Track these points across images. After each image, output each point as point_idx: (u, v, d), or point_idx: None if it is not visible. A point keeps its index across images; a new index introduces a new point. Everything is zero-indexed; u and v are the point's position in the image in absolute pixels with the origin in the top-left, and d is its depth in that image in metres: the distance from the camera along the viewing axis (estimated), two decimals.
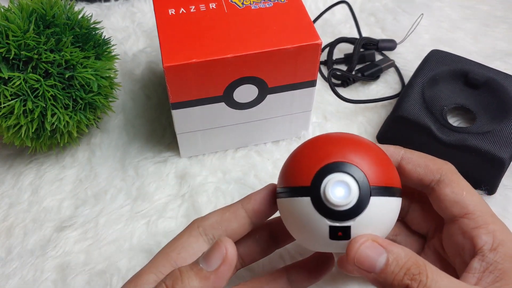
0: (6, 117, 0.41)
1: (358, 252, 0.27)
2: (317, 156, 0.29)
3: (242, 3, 0.42)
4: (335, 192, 0.27)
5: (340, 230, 0.28)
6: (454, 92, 0.47)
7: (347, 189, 0.27)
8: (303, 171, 0.29)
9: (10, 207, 0.44)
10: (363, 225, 0.28)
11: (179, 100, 0.41)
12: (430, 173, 0.32)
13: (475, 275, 0.28)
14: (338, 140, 0.30)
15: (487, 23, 0.60)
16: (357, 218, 0.27)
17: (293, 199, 0.29)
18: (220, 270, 0.26)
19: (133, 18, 0.61)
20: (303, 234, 0.30)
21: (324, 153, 0.29)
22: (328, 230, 0.28)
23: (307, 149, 0.30)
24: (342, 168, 0.28)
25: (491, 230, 0.30)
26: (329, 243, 0.28)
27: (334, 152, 0.29)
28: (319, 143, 0.30)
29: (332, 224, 0.28)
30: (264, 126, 0.46)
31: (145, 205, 0.44)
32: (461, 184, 0.32)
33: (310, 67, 0.41)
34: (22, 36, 0.40)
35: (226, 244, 0.27)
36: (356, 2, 0.62)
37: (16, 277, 0.40)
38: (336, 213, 0.27)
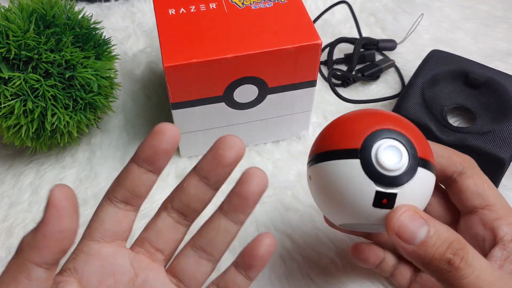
0: (6, 117, 0.41)
1: (400, 221, 0.27)
2: (365, 122, 0.28)
3: (242, 3, 0.42)
4: (387, 156, 0.27)
5: (385, 197, 0.27)
6: (454, 92, 0.47)
7: (398, 155, 0.27)
8: (353, 133, 0.28)
9: (10, 207, 0.44)
10: (408, 195, 0.27)
11: (179, 100, 0.41)
12: (453, 165, 0.33)
13: (496, 263, 0.29)
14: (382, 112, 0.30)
15: (487, 23, 0.60)
16: (404, 186, 0.27)
17: (339, 161, 0.28)
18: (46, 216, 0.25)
19: (133, 18, 0.61)
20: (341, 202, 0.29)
21: (372, 120, 0.29)
22: (373, 196, 0.27)
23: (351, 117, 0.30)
24: (393, 135, 0.28)
25: (511, 222, 0.30)
26: (369, 211, 0.28)
27: (383, 120, 0.28)
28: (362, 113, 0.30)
29: (379, 190, 0.27)
30: (264, 126, 0.46)
31: (145, 205, 0.44)
32: (483, 177, 0.33)
33: (310, 67, 0.41)
34: (22, 36, 0.40)
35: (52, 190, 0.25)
36: (356, 2, 0.62)
37: None
38: (385, 178, 0.27)
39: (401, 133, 0.28)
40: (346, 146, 0.28)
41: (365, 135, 0.28)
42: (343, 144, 0.28)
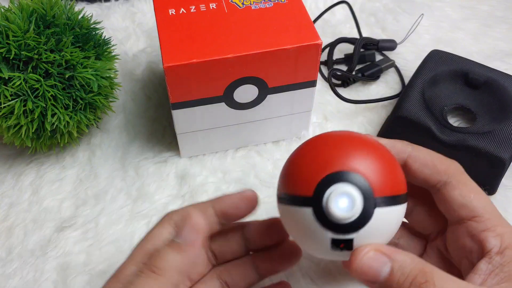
0: (6, 117, 0.41)
1: (361, 264, 0.26)
2: (319, 163, 0.27)
3: (242, 3, 0.42)
4: (338, 205, 0.26)
5: (342, 242, 0.27)
6: (454, 92, 0.47)
7: (350, 201, 0.26)
8: (304, 179, 0.27)
9: (11, 207, 0.44)
10: (366, 237, 0.27)
11: (179, 100, 0.41)
12: (437, 174, 0.31)
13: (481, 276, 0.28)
14: (341, 142, 0.28)
15: (487, 23, 0.60)
16: (360, 231, 0.26)
17: (294, 208, 0.28)
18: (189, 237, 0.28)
19: (133, 18, 0.61)
20: (303, 242, 0.29)
21: (326, 159, 0.27)
22: (330, 242, 0.27)
23: (309, 153, 0.29)
24: (345, 178, 0.26)
25: (499, 233, 0.29)
26: (330, 253, 0.28)
27: (337, 159, 0.27)
28: (320, 145, 0.29)
29: (335, 237, 0.27)
30: (264, 126, 0.46)
31: (146, 205, 0.44)
32: (469, 186, 0.31)
33: (310, 67, 0.41)
34: (22, 36, 0.40)
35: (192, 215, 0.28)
36: (356, 2, 0.62)
37: (16, 278, 0.40)
38: (338, 226, 0.26)
39: (356, 173, 0.26)
40: (299, 193, 0.27)
41: (316, 181, 0.27)
42: (297, 190, 0.28)
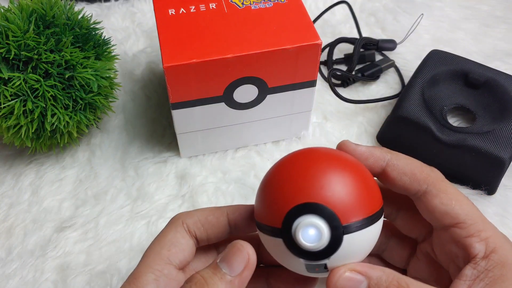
0: (6, 117, 0.41)
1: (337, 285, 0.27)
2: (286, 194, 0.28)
3: (242, 3, 0.42)
4: (306, 236, 0.27)
5: (316, 266, 0.28)
6: (454, 92, 0.47)
7: (317, 232, 0.27)
8: (273, 211, 0.28)
9: (10, 207, 0.44)
10: (340, 259, 0.27)
11: (179, 100, 0.41)
12: (416, 183, 0.31)
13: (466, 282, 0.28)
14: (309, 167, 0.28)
15: (487, 23, 0.60)
16: (331, 257, 0.27)
17: (268, 237, 0.29)
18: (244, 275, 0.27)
19: (133, 18, 0.61)
20: (282, 263, 0.30)
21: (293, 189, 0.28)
22: (304, 266, 0.28)
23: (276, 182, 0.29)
24: (311, 210, 0.27)
25: (483, 237, 0.29)
26: (309, 273, 0.29)
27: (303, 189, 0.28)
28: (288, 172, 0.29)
29: (308, 263, 0.28)
30: (264, 126, 0.46)
31: (145, 205, 0.44)
32: (449, 192, 0.31)
33: (310, 67, 0.41)
34: (22, 36, 0.40)
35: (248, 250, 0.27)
36: (356, 2, 0.62)
37: (16, 278, 0.40)
38: (309, 254, 0.27)
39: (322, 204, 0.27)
40: (269, 223, 0.28)
41: (284, 213, 0.27)
42: (267, 220, 0.28)
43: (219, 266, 0.27)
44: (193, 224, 0.31)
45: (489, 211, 0.43)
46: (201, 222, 0.32)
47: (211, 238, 0.32)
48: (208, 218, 0.32)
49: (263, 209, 0.29)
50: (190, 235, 0.31)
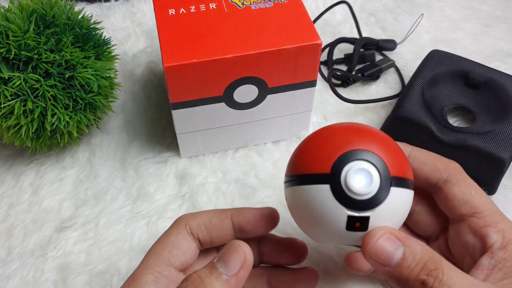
0: (6, 117, 0.41)
1: (376, 245, 0.27)
2: (336, 143, 0.28)
3: (242, 3, 0.42)
4: (356, 180, 0.26)
5: (358, 221, 0.27)
6: (454, 92, 0.47)
7: (369, 177, 0.26)
8: (322, 157, 0.27)
9: (10, 207, 0.44)
10: (382, 216, 0.27)
11: (179, 100, 0.41)
12: (437, 172, 0.32)
13: (483, 272, 0.29)
14: (355, 129, 0.29)
15: (487, 23, 0.60)
16: (376, 209, 0.27)
17: (309, 186, 0.27)
18: (240, 274, 0.27)
19: (133, 18, 0.61)
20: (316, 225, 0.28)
21: (343, 140, 0.28)
22: (345, 220, 0.27)
23: (323, 136, 0.29)
24: (363, 156, 0.27)
25: (500, 228, 0.30)
26: (344, 234, 0.27)
27: (353, 140, 0.28)
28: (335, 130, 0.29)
29: (351, 214, 0.27)
30: (264, 126, 0.46)
31: (146, 205, 0.44)
32: (469, 183, 0.32)
33: (310, 67, 0.41)
34: (22, 36, 0.40)
35: (244, 249, 0.27)
36: (356, 2, 0.62)
37: (16, 278, 0.40)
38: (356, 203, 0.26)
39: (372, 152, 0.27)
40: (315, 171, 0.27)
41: (334, 158, 0.27)
42: (313, 168, 0.28)
43: (215, 266, 0.27)
44: (197, 227, 0.31)
45: None
46: (205, 225, 0.31)
47: (214, 241, 0.32)
48: (212, 221, 0.32)
49: (309, 159, 0.28)
50: (193, 238, 0.31)
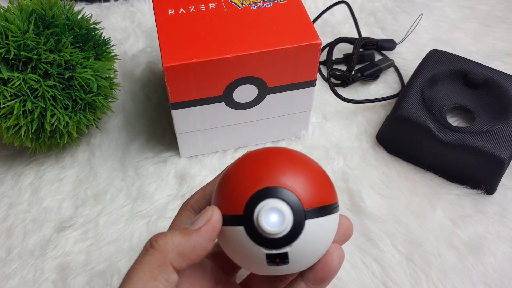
0: (5, 117, 0.41)
1: None
2: (248, 181, 0.28)
3: (241, 3, 0.42)
4: (268, 220, 0.26)
5: (277, 257, 0.27)
6: (453, 92, 0.47)
7: (280, 216, 0.26)
8: (234, 198, 0.27)
9: (10, 207, 0.44)
10: (301, 249, 0.27)
11: (179, 100, 0.41)
12: None
13: None
14: (269, 159, 0.29)
15: (487, 23, 0.60)
16: (293, 244, 0.27)
17: (227, 228, 0.28)
18: (202, 229, 0.27)
19: (132, 18, 0.61)
20: (241, 260, 0.29)
21: (255, 176, 0.28)
22: (265, 257, 0.27)
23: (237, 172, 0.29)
24: (274, 194, 0.27)
25: None
26: (268, 269, 0.28)
27: (265, 176, 0.27)
28: (249, 163, 0.29)
29: (269, 252, 0.27)
30: (264, 126, 0.46)
31: (145, 205, 0.44)
32: None
33: (309, 67, 0.41)
34: (21, 36, 0.40)
35: (212, 209, 0.28)
36: (356, 2, 0.62)
37: (16, 278, 0.40)
38: (271, 241, 0.26)
39: (284, 188, 0.27)
40: (231, 212, 0.28)
41: (246, 199, 0.27)
42: (228, 209, 0.28)
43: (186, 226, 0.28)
44: (195, 202, 0.32)
45: (488, 211, 0.43)
46: (202, 196, 0.32)
47: None
48: (206, 190, 0.32)
49: (224, 199, 0.28)
50: (196, 213, 0.32)
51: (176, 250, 0.27)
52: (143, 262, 0.27)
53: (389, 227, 0.42)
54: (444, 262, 0.40)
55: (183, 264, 0.27)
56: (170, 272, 0.27)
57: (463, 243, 0.41)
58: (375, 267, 0.40)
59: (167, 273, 0.27)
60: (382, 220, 0.42)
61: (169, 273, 0.27)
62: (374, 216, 0.43)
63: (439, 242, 0.41)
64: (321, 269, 0.30)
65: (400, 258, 0.41)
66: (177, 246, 0.27)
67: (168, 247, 0.27)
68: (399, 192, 0.45)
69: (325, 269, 0.29)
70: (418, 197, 0.44)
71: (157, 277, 0.26)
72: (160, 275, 0.26)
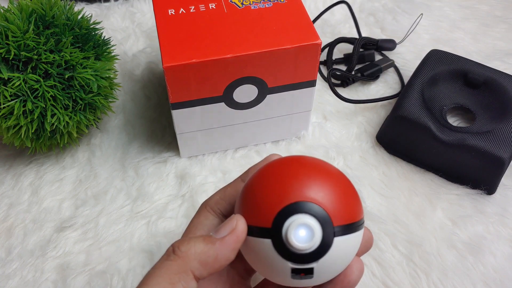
0: (6, 117, 0.41)
1: None
2: (276, 193, 0.27)
3: (241, 3, 0.42)
4: (297, 236, 0.26)
5: (302, 271, 0.27)
6: (453, 92, 0.47)
7: (310, 232, 0.26)
8: (262, 210, 0.27)
9: (10, 207, 0.44)
10: (327, 265, 0.27)
11: (179, 100, 0.41)
12: None
13: None
14: (297, 170, 0.28)
15: (487, 23, 0.60)
16: (320, 260, 0.26)
17: (253, 238, 0.27)
18: (226, 238, 0.27)
19: (132, 18, 0.61)
20: (264, 271, 0.29)
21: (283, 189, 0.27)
22: (290, 271, 0.27)
23: (265, 182, 0.28)
24: (304, 209, 0.26)
25: None
26: (291, 281, 0.28)
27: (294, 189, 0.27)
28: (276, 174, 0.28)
29: (295, 267, 0.27)
30: (264, 126, 0.46)
31: (145, 205, 0.44)
32: None
33: (309, 67, 0.41)
34: (21, 36, 0.40)
35: (237, 218, 0.28)
36: (356, 2, 0.62)
37: (16, 278, 0.40)
38: (298, 256, 0.26)
39: (314, 203, 0.26)
40: (258, 224, 0.27)
41: (275, 212, 0.27)
42: (256, 221, 0.27)
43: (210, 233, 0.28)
44: (215, 204, 0.32)
45: (488, 211, 0.43)
46: (222, 198, 0.32)
47: None
48: (226, 192, 0.32)
49: (251, 209, 0.28)
50: (215, 215, 0.32)
51: (198, 259, 0.27)
52: (163, 267, 0.27)
53: (389, 227, 0.42)
54: (444, 262, 0.40)
55: (204, 273, 0.27)
56: (190, 280, 0.27)
57: (463, 243, 0.41)
58: (375, 267, 0.40)
59: (187, 280, 0.26)
60: (382, 220, 0.42)
61: (189, 281, 0.26)
62: (374, 216, 0.43)
63: (439, 242, 0.41)
64: (340, 281, 0.29)
65: (400, 258, 0.41)
66: (199, 255, 0.27)
67: (190, 254, 0.27)
68: (399, 192, 0.45)
69: (344, 282, 0.29)
70: (418, 197, 0.44)
71: (175, 284, 0.26)
72: (179, 282, 0.26)
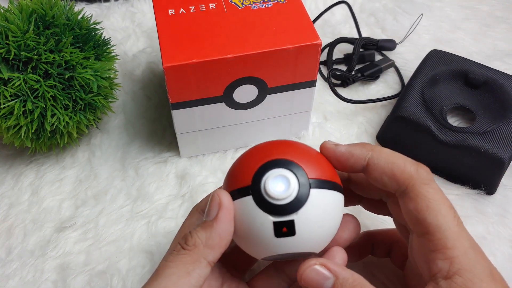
0: (6, 117, 0.41)
1: (305, 274, 0.28)
2: (257, 158, 0.30)
3: (241, 3, 0.42)
4: (274, 186, 0.28)
5: (284, 225, 0.28)
6: (454, 92, 0.47)
7: (286, 182, 0.28)
8: (244, 172, 0.29)
9: (10, 207, 0.44)
10: (307, 219, 0.28)
11: (179, 100, 0.41)
12: (395, 184, 0.29)
13: None
14: (278, 143, 0.31)
15: (487, 23, 0.60)
16: (299, 211, 0.28)
17: (235, 201, 0.29)
18: (219, 216, 0.28)
19: (133, 18, 0.61)
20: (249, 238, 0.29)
21: (263, 154, 0.30)
22: (272, 228, 0.28)
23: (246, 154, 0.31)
24: (280, 164, 0.29)
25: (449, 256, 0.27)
26: (276, 243, 0.28)
27: (273, 152, 0.29)
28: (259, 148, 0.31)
29: (276, 220, 0.28)
30: (264, 126, 0.46)
31: (145, 205, 0.44)
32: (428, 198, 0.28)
33: (310, 67, 0.41)
34: (22, 36, 0.40)
35: (217, 192, 0.29)
36: (356, 2, 0.62)
37: (16, 278, 0.40)
38: (278, 208, 0.28)
39: (290, 160, 0.29)
40: (239, 186, 0.29)
41: (254, 171, 0.29)
42: (237, 184, 0.29)
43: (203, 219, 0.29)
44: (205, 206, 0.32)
45: (489, 211, 0.43)
46: None
47: None
48: None
49: (233, 176, 0.30)
50: None
51: (206, 245, 0.28)
52: (176, 260, 0.28)
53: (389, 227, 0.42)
54: None
55: (216, 255, 0.28)
56: (204, 267, 0.28)
57: None
58: (375, 267, 0.40)
59: (201, 268, 0.28)
60: (382, 220, 0.42)
61: (203, 268, 0.28)
62: (374, 216, 0.43)
63: None
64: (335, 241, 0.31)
65: None
66: (205, 242, 0.28)
67: (198, 244, 0.28)
68: None
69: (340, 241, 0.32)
70: None
71: (191, 273, 0.27)
72: (194, 270, 0.28)
